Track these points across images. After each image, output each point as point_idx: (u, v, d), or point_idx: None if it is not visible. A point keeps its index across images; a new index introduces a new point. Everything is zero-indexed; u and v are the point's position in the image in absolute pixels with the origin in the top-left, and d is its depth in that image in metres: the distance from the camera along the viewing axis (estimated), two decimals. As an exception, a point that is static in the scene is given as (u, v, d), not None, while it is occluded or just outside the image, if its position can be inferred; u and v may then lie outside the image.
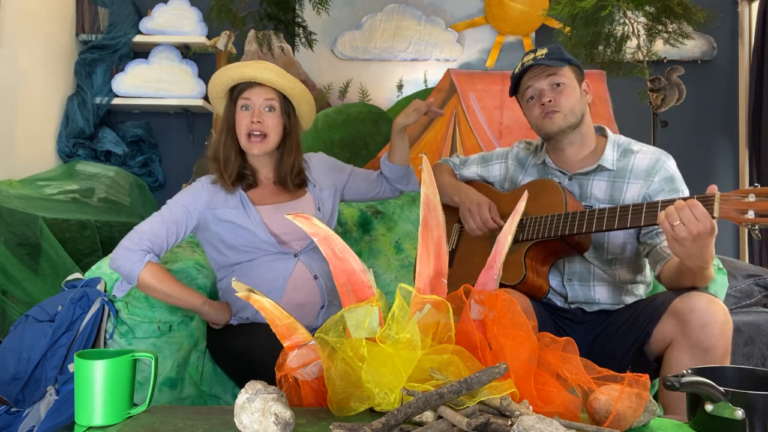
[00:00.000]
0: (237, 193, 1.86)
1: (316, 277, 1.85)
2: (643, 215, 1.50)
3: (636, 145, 1.77)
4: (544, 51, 1.75)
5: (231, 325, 1.87)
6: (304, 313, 1.81)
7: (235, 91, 1.86)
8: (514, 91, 1.83)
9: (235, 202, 1.85)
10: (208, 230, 1.85)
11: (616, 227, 1.55)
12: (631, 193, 1.70)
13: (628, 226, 1.53)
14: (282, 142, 1.88)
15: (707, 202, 1.40)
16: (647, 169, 1.70)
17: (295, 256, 1.85)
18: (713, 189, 1.42)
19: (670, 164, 1.71)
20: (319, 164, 2.02)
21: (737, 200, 1.38)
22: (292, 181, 1.90)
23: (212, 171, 1.89)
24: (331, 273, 1.86)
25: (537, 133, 1.81)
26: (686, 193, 1.69)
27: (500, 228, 1.83)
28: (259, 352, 1.65)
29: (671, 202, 1.44)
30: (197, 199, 1.84)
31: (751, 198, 1.36)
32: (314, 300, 1.84)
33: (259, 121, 1.82)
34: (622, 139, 1.80)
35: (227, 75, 1.85)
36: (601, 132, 1.82)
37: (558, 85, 1.72)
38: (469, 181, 2.04)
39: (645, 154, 1.73)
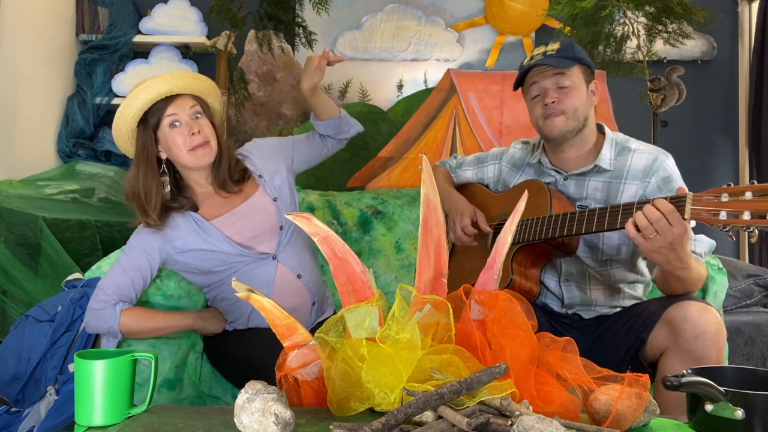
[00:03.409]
0: (188, 216, 1.75)
1: (299, 276, 1.80)
2: (619, 216, 1.47)
3: (634, 143, 1.73)
4: (556, 46, 1.67)
5: (226, 331, 1.84)
6: (297, 316, 1.79)
7: (151, 116, 1.70)
8: (519, 84, 1.76)
9: (189, 227, 1.74)
10: (177, 263, 1.77)
11: (594, 230, 1.52)
12: (628, 194, 1.67)
13: (605, 228, 1.50)
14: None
15: (678, 204, 1.37)
16: (645, 169, 1.66)
17: (273, 258, 1.78)
18: (683, 190, 1.40)
19: (669, 163, 1.67)
20: (259, 152, 1.92)
21: (709, 200, 1.33)
22: (232, 179, 1.79)
23: (134, 209, 1.74)
24: (311, 265, 1.85)
25: (538, 133, 1.77)
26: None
27: (483, 233, 1.84)
28: (255, 357, 1.62)
29: (646, 202, 1.41)
30: (152, 239, 1.73)
31: (725, 198, 1.30)
32: (304, 301, 1.81)
33: (198, 130, 1.71)
34: (620, 137, 1.76)
35: (139, 100, 1.69)
36: (599, 130, 1.77)
37: (563, 87, 1.66)
38: (466, 184, 2.03)
39: (643, 153, 1.69)
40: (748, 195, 1.28)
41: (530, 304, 1.61)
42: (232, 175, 1.80)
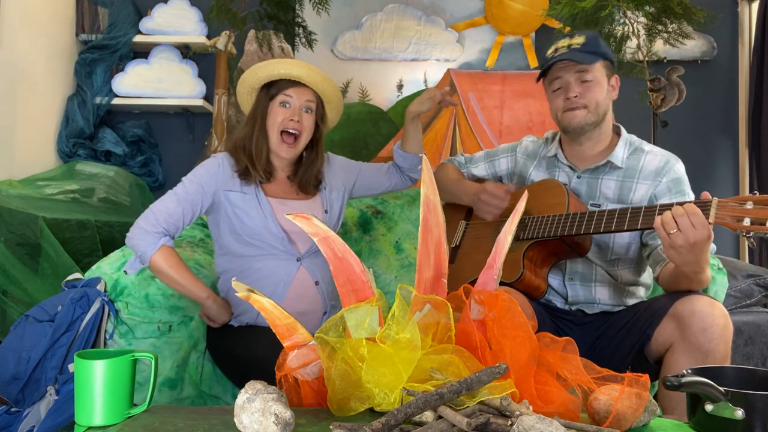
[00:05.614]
0: (252, 181, 1.85)
1: (317, 283, 1.83)
2: (640, 218, 1.50)
3: (647, 146, 1.78)
4: (581, 39, 1.70)
5: (231, 326, 1.85)
6: (306, 321, 1.79)
7: (274, 87, 1.85)
8: (542, 75, 1.78)
9: (248, 188, 1.84)
10: (219, 212, 1.84)
11: (613, 229, 1.55)
12: (640, 193, 1.71)
13: (626, 228, 1.52)
14: (310, 146, 1.90)
15: (703, 209, 1.39)
16: (656, 170, 1.71)
17: (298, 260, 1.83)
18: (707, 195, 1.42)
19: (679, 167, 1.72)
20: (328, 166, 2.01)
21: (734, 207, 1.36)
22: (312, 184, 1.92)
23: (238, 161, 1.85)
24: (332, 277, 1.87)
25: (557, 125, 1.79)
26: (691, 196, 1.69)
27: (494, 225, 1.85)
28: (259, 356, 1.63)
29: (669, 206, 1.43)
30: (212, 179, 1.82)
31: (749, 205, 1.34)
32: (316, 308, 1.83)
33: (298, 120, 1.82)
34: (635, 138, 1.80)
35: (273, 69, 1.84)
36: (615, 131, 1.82)
37: (586, 81, 1.70)
38: (479, 179, 2.04)
39: (655, 155, 1.74)
40: None
41: (531, 303, 1.63)
42: (311, 181, 1.92)
